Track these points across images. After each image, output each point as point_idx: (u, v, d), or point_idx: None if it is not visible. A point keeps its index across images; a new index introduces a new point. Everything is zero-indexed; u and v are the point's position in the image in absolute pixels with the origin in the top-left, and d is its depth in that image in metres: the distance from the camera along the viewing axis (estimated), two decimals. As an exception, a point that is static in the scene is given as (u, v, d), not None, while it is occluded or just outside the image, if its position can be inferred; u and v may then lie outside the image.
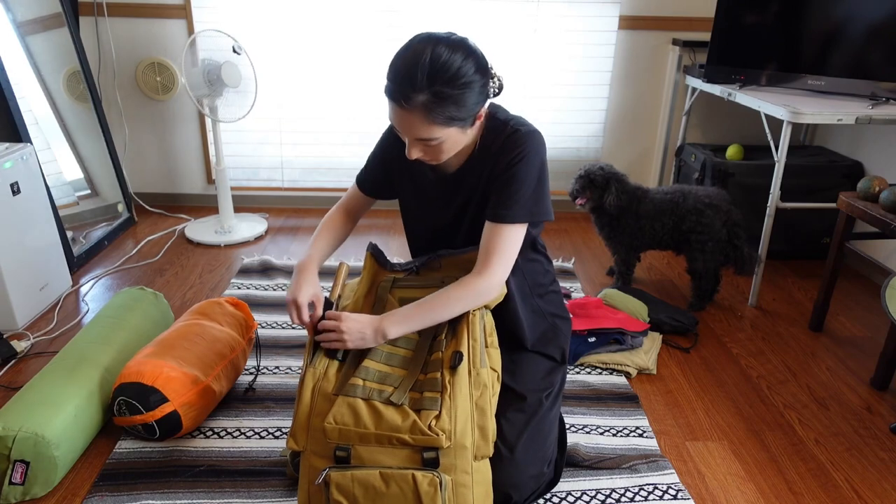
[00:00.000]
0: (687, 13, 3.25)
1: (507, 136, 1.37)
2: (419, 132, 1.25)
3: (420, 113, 1.22)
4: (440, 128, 1.25)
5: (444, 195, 1.49)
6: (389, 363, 1.36)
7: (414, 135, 1.27)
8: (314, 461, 1.31)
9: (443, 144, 1.29)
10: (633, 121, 3.46)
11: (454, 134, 1.29)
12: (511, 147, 1.35)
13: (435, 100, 1.21)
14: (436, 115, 1.23)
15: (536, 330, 1.57)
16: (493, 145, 1.38)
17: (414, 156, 1.32)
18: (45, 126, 2.83)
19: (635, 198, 2.47)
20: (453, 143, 1.31)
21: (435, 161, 1.35)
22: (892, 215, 2.05)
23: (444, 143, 1.29)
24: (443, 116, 1.23)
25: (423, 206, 1.54)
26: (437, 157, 1.34)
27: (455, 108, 1.24)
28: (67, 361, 1.77)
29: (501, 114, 1.42)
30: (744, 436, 1.87)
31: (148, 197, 3.52)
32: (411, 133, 1.27)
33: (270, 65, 3.26)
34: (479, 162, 1.42)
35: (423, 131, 1.25)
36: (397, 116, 1.26)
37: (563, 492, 1.61)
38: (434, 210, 1.52)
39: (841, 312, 2.59)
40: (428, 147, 1.30)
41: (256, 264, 2.82)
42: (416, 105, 1.21)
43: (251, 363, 2.11)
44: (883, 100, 2.48)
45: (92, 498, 1.56)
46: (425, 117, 1.23)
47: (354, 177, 1.64)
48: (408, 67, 1.21)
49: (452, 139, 1.30)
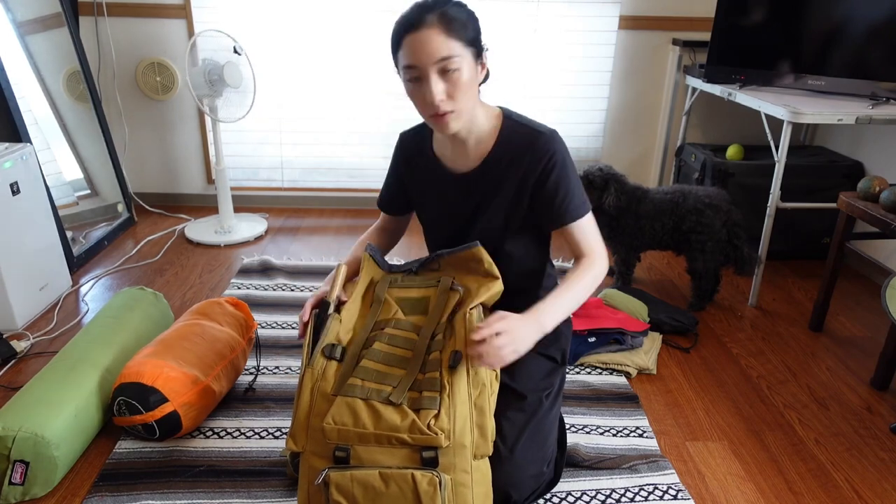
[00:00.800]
0: (687, 13, 3.25)
1: (531, 139, 1.41)
2: (440, 48, 1.27)
3: (436, 27, 1.27)
4: (457, 43, 1.28)
5: (463, 192, 1.50)
6: (388, 363, 1.36)
7: (435, 53, 1.27)
8: (313, 461, 1.31)
9: (461, 75, 1.30)
10: (633, 121, 3.46)
11: (470, 63, 1.31)
12: (542, 153, 1.40)
13: (447, 15, 1.28)
14: (451, 27, 1.28)
15: None
16: (514, 146, 1.42)
17: (437, 96, 1.30)
18: (45, 126, 2.83)
19: (635, 198, 2.47)
20: (469, 78, 1.32)
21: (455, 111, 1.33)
22: (892, 215, 2.05)
23: (461, 71, 1.30)
24: (457, 29, 1.29)
25: (443, 207, 1.55)
26: (457, 97, 1.31)
27: (464, 25, 1.30)
28: (67, 361, 1.77)
29: (514, 116, 1.46)
30: (744, 436, 1.87)
31: (148, 197, 3.52)
32: (432, 52, 1.27)
33: (270, 65, 3.26)
34: (498, 160, 1.44)
35: (444, 46, 1.27)
36: (415, 43, 1.28)
37: (563, 492, 1.61)
38: (453, 210, 1.53)
39: (841, 312, 2.59)
40: (448, 79, 1.30)
41: (256, 264, 2.82)
42: (431, 22, 1.27)
43: (251, 363, 2.11)
44: (883, 100, 2.48)
45: (92, 498, 1.56)
46: (443, 30, 1.27)
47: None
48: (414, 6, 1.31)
49: (468, 71, 1.31)
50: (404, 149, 1.59)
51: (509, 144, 1.43)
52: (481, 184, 1.47)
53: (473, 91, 1.35)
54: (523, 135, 1.42)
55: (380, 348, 1.37)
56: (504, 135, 1.44)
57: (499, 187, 1.45)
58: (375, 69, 3.29)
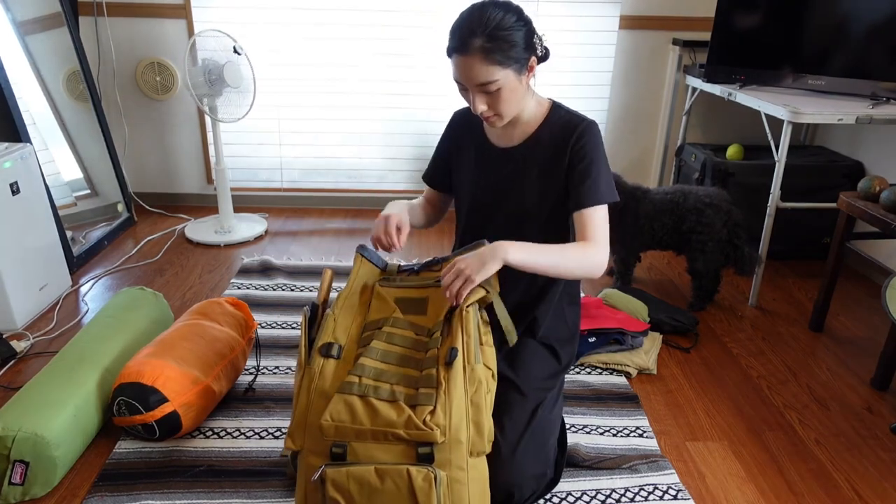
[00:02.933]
0: (687, 13, 3.25)
1: (575, 125, 1.50)
2: (479, 75, 1.36)
3: (478, 55, 1.35)
4: (497, 68, 1.36)
5: (504, 162, 1.56)
6: (386, 360, 1.35)
7: (475, 79, 1.37)
8: (311, 459, 1.31)
9: (502, 91, 1.39)
10: (633, 121, 3.46)
11: (511, 79, 1.39)
12: (574, 130, 1.49)
13: (489, 42, 1.35)
14: (492, 55, 1.35)
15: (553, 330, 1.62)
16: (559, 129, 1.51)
17: (479, 108, 1.41)
18: (45, 126, 2.83)
19: (634, 198, 2.47)
20: (511, 90, 1.40)
21: (498, 115, 1.44)
22: (892, 215, 2.05)
23: (502, 89, 1.39)
24: (498, 56, 1.35)
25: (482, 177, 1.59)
26: (500, 109, 1.42)
27: (507, 48, 1.36)
28: (67, 361, 1.77)
29: (563, 107, 1.56)
30: (744, 436, 1.87)
31: (148, 197, 3.52)
32: (473, 77, 1.37)
33: (270, 65, 3.26)
34: (541, 137, 1.52)
35: (483, 73, 1.36)
36: (459, 66, 1.38)
37: (563, 492, 1.61)
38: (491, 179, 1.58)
39: (841, 312, 2.59)
40: (489, 95, 1.40)
41: (256, 264, 2.82)
42: (473, 49, 1.35)
43: (251, 363, 2.11)
44: (883, 100, 2.48)
45: (91, 498, 1.56)
46: (483, 58, 1.35)
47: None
48: (463, 22, 1.38)
49: (510, 86, 1.39)
50: (455, 125, 1.68)
51: (553, 126, 1.52)
52: (522, 158, 1.54)
53: (517, 97, 1.44)
54: (567, 120, 1.51)
55: (377, 346, 1.37)
56: (550, 119, 1.53)
57: (538, 163, 1.52)
58: (375, 70, 3.29)
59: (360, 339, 1.41)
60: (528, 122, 1.54)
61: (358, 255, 1.55)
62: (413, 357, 1.36)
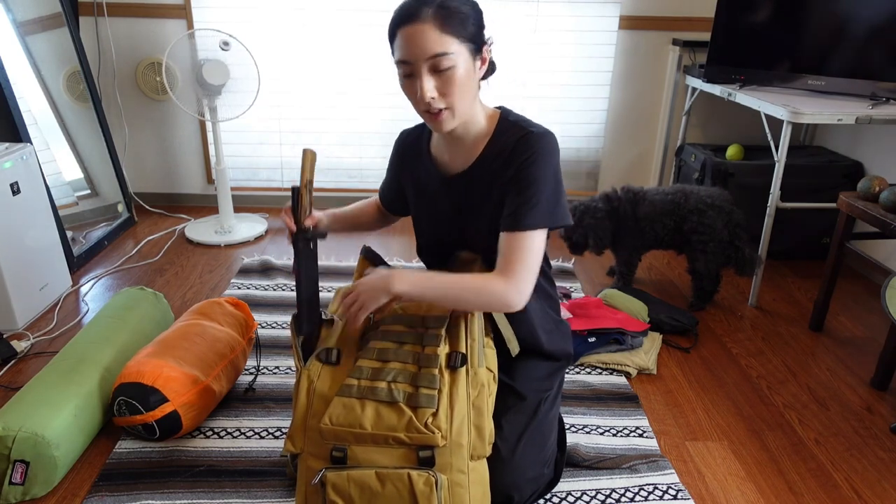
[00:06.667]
0: (687, 13, 3.25)
1: (519, 137, 1.33)
2: (434, 44, 1.22)
3: (431, 22, 1.21)
4: (452, 39, 1.22)
5: (451, 195, 1.45)
6: (382, 359, 1.35)
7: (429, 49, 1.22)
8: (311, 462, 1.31)
9: (455, 72, 1.24)
10: (633, 121, 3.46)
11: (465, 59, 1.25)
12: (522, 149, 1.31)
13: (443, 10, 1.22)
14: (447, 22, 1.22)
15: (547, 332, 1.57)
16: (504, 146, 1.35)
17: (428, 94, 1.25)
18: (45, 126, 2.83)
19: (627, 200, 2.48)
20: (465, 75, 1.26)
21: (449, 109, 1.28)
22: (892, 215, 2.05)
23: (455, 68, 1.24)
24: (453, 25, 1.22)
25: (431, 210, 1.51)
26: (451, 95, 1.26)
27: (461, 19, 1.24)
28: (67, 361, 1.77)
29: (512, 116, 1.40)
30: (744, 436, 1.87)
31: (148, 197, 3.52)
32: (426, 47, 1.22)
33: (270, 65, 3.26)
34: (489, 162, 1.38)
35: (437, 42, 1.21)
36: (409, 37, 1.23)
37: (563, 492, 1.61)
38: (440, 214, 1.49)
39: (841, 312, 2.59)
40: (440, 75, 1.25)
41: (256, 264, 2.82)
42: (426, 16, 1.21)
43: (251, 363, 2.11)
44: (883, 100, 2.48)
45: (92, 498, 1.56)
46: (437, 25, 1.21)
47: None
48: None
49: (464, 67, 1.25)
50: (402, 147, 1.57)
51: (501, 144, 1.35)
52: (469, 186, 1.41)
53: (470, 89, 1.29)
54: (515, 134, 1.34)
55: (374, 346, 1.37)
56: (496, 134, 1.37)
57: (486, 189, 1.38)
58: (375, 69, 3.29)
59: (357, 342, 1.41)
60: (478, 137, 1.38)
61: (362, 258, 1.55)
62: (411, 351, 1.35)
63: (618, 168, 3.55)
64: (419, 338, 1.37)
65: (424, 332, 1.37)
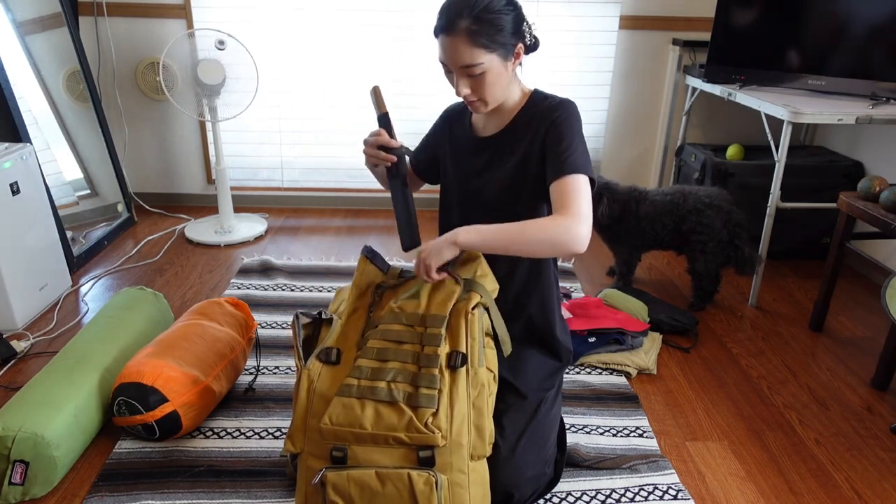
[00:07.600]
0: (687, 13, 3.25)
1: (548, 104, 1.47)
2: (464, 57, 1.35)
3: (464, 37, 1.33)
4: (482, 51, 1.34)
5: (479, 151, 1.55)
6: (382, 358, 1.35)
7: (459, 61, 1.35)
8: (311, 462, 1.31)
9: (486, 76, 1.37)
10: (633, 121, 3.46)
11: (496, 64, 1.37)
12: (554, 109, 1.45)
13: (475, 24, 1.33)
14: (477, 37, 1.33)
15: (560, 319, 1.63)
16: (534, 115, 1.48)
17: (462, 92, 1.40)
18: (45, 126, 2.83)
19: (628, 205, 2.48)
20: (496, 76, 1.39)
21: (482, 101, 1.42)
22: (892, 215, 2.05)
23: (487, 73, 1.37)
24: (484, 39, 1.34)
25: (459, 165, 1.59)
26: (483, 94, 1.40)
27: (494, 31, 1.34)
28: (67, 361, 1.77)
29: (541, 94, 1.52)
30: (744, 436, 1.87)
31: (148, 197, 3.52)
32: (457, 60, 1.36)
33: (271, 65, 3.26)
34: (518, 127, 1.49)
35: (467, 56, 1.34)
36: (445, 47, 1.36)
37: (563, 492, 1.61)
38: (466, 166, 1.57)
39: (841, 312, 2.59)
40: (473, 78, 1.38)
41: (256, 264, 2.82)
42: (460, 30, 1.33)
43: (251, 363, 2.11)
44: (883, 100, 2.48)
45: (92, 498, 1.56)
46: (468, 41, 1.33)
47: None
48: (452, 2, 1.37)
49: (495, 70, 1.38)
50: (449, 114, 1.67)
51: (529, 113, 1.49)
52: (499, 146, 1.52)
53: (502, 83, 1.42)
54: (543, 104, 1.48)
55: (374, 345, 1.37)
56: (527, 106, 1.50)
57: (512, 148, 1.50)
58: (375, 69, 3.29)
59: (357, 341, 1.41)
60: (510, 110, 1.51)
61: (363, 258, 1.55)
62: (410, 351, 1.36)
63: (618, 168, 3.55)
64: (419, 337, 1.37)
65: (424, 332, 1.37)
